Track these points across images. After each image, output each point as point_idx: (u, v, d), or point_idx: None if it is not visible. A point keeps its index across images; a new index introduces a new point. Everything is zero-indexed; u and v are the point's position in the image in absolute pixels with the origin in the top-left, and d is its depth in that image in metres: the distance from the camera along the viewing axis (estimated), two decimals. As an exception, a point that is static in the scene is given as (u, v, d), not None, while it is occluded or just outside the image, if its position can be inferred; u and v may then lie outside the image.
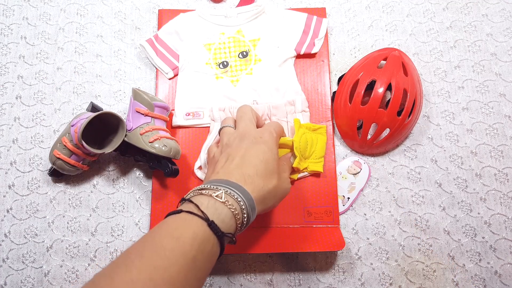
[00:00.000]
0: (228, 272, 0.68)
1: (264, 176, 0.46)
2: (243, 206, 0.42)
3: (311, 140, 0.68)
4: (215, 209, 0.40)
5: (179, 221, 0.39)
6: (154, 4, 0.81)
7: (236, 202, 0.42)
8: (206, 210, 0.40)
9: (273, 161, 0.48)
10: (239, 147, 0.49)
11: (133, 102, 0.67)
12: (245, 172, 0.45)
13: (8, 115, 0.75)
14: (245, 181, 0.44)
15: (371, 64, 0.70)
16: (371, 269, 0.68)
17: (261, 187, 0.45)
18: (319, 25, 0.77)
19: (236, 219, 0.42)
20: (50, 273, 0.68)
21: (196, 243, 0.37)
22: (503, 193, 0.71)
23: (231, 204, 0.41)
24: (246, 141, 0.50)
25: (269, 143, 0.50)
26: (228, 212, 0.41)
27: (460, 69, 0.77)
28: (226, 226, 0.40)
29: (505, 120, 0.74)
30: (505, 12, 0.80)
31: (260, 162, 0.47)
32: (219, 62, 0.76)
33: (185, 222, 0.38)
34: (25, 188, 0.71)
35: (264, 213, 0.50)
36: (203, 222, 0.39)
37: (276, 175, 0.48)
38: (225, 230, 0.40)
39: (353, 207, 0.71)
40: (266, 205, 0.47)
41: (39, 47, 0.79)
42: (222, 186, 0.42)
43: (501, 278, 0.67)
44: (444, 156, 0.73)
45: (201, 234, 0.38)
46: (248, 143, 0.49)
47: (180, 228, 0.38)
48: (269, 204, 0.48)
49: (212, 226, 0.39)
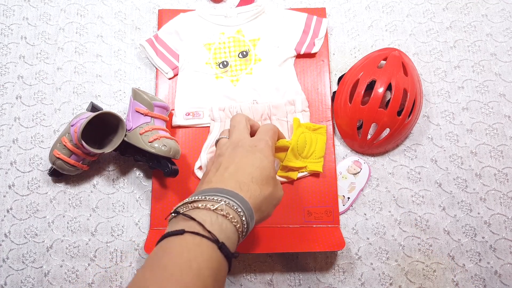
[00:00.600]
0: (228, 272, 0.68)
1: (260, 183, 0.44)
2: (243, 218, 0.40)
3: (310, 140, 0.68)
4: (220, 226, 0.37)
5: (190, 246, 0.35)
6: (154, 4, 0.81)
7: (236, 213, 0.39)
8: (211, 228, 0.36)
9: (270, 168, 0.46)
10: (232, 155, 0.47)
11: (133, 102, 0.67)
12: (240, 179, 0.43)
13: (8, 115, 0.75)
14: (241, 188, 0.42)
15: (371, 64, 0.70)
16: (371, 269, 0.68)
17: (258, 194, 0.43)
18: (319, 25, 0.77)
19: (238, 232, 0.39)
20: (50, 273, 0.68)
21: (213, 273, 0.35)
22: (503, 193, 0.71)
23: (232, 217, 0.38)
24: (240, 149, 0.47)
25: (265, 151, 0.48)
26: (232, 227, 0.38)
27: (460, 69, 0.77)
28: (231, 243, 0.38)
29: (505, 120, 0.74)
30: (504, 12, 0.80)
31: (256, 169, 0.45)
32: (219, 62, 0.76)
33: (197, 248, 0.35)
34: (25, 188, 0.71)
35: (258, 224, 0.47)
36: (213, 245, 0.36)
37: (272, 181, 0.46)
38: (231, 247, 0.38)
39: (353, 207, 0.71)
40: (262, 213, 0.45)
41: (39, 47, 0.79)
42: (219, 196, 0.40)
43: (501, 278, 0.67)
44: (444, 156, 0.73)
45: (214, 260, 0.35)
46: (242, 151, 0.47)
47: (197, 258, 0.34)
48: (264, 212, 0.45)
49: (222, 249, 0.36)
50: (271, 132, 0.52)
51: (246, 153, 0.47)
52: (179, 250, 0.35)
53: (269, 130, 0.52)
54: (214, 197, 0.39)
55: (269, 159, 0.47)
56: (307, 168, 0.68)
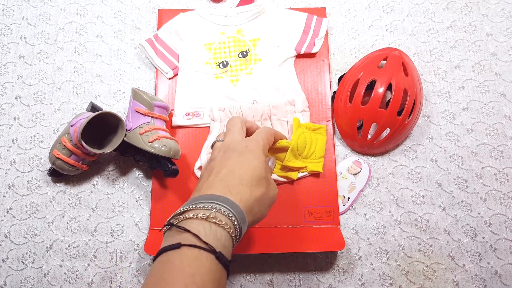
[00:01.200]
0: (227, 279, 0.68)
1: (250, 184, 0.43)
2: (235, 222, 0.39)
3: (310, 140, 0.68)
4: (215, 235, 0.37)
5: (190, 260, 0.35)
6: (154, 4, 0.81)
7: (228, 218, 0.39)
8: (207, 239, 0.36)
9: (260, 168, 0.45)
10: (223, 159, 0.46)
11: (133, 102, 0.67)
12: (229, 183, 0.43)
13: (8, 115, 0.75)
14: (231, 192, 0.41)
15: (371, 64, 0.70)
16: (371, 269, 0.68)
17: (248, 196, 0.42)
18: (319, 25, 0.77)
19: (232, 238, 0.39)
20: (50, 273, 0.67)
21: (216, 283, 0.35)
22: (503, 193, 0.71)
23: (225, 223, 0.38)
24: (231, 152, 0.47)
25: (255, 151, 0.47)
26: (226, 234, 0.38)
27: (460, 69, 0.77)
28: (227, 251, 0.38)
29: (505, 120, 0.74)
30: (505, 12, 0.80)
31: (246, 170, 0.44)
32: (219, 62, 0.76)
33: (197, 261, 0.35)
34: (25, 188, 0.71)
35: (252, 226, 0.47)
36: (212, 256, 0.36)
37: (264, 181, 0.45)
38: (227, 255, 0.38)
39: (353, 207, 0.71)
40: (255, 215, 0.44)
41: (39, 47, 0.78)
42: (209, 203, 0.39)
43: (501, 278, 0.67)
44: (444, 156, 0.73)
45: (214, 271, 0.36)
46: (232, 154, 0.47)
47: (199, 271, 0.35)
48: (258, 214, 0.45)
49: (220, 258, 0.36)
50: (265, 132, 0.51)
51: (237, 155, 0.46)
52: (179, 266, 0.35)
53: (263, 131, 0.51)
54: (204, 205, 0.39)
55: (259, 159, 0.46)
56: (307, 168, 0.68)
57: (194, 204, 0.40)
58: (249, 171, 0.44)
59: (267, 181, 0.46)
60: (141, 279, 0.67)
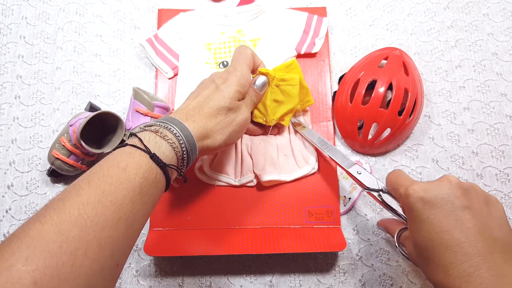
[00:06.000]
0: (228, 273, 0.68)
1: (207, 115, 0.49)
2: (181, 141, 0.46)
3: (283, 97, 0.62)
4: (156, 143, 0.44)
5: (124, 154, 0.42)
6: (153, 4, 0.81)
7: (175, 137, 0.46)
8: (148, 143, 0.44)
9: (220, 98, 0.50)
10: (199, 87, 0.54)
11: (133, 102, 0.67)
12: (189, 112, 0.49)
13: (7, 115, 0.75)
14: (187, 119, 0.48)
15: (372, 64, 0.70)
16: (372, 269, 0.67)
17: (203, 124, 0.49)
18: (319, 24, 0.77)
19: (175, 152, 0.46)
20: (49, 274, 0.67)
21: (140, 172, 0.41)
22: (504, 193, 0.70)
23: (169, 138, 0.45)
24: (206, 81, 0.54)
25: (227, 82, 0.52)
26: (167, 146, 0.45)
27: (461, 69, 0.77)
28: (167, 158, 0.45)
29: (507, 120, 0.74)
30: (506, 12, 0.80)
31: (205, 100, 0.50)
32: (219, 62, 0.76)
33: (130, 155, 0.42)
34: (24, 188, 0.71)
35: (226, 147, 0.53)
36: (146, 155, 0.43)
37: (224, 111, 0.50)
38: (167, 161, 0.44)
39: (354, 207, 0.70)
40: (214, 139, 0.50)
41: (38, 47, 0.78)
42: (164, 123, 0.47)
43: (502, 278, 0.67)
44: (445, 156, 0.72)
45: (144, 165, 0.42)
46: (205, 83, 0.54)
47: (125, 160, 0.41)
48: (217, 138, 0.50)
49: (154, 158, 0.43)
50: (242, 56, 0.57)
51: (206, 84, 0.53)
52: (116, 157, 0.42)
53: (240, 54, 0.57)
54: (160, 123, 0.47)
55: (224, 92, 0.51)
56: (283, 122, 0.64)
57: (156, 122, 0.48)
58: (211, 102, 0.50)
59: (229, 108, 0.51)
60: (140, 279, 0.67)
